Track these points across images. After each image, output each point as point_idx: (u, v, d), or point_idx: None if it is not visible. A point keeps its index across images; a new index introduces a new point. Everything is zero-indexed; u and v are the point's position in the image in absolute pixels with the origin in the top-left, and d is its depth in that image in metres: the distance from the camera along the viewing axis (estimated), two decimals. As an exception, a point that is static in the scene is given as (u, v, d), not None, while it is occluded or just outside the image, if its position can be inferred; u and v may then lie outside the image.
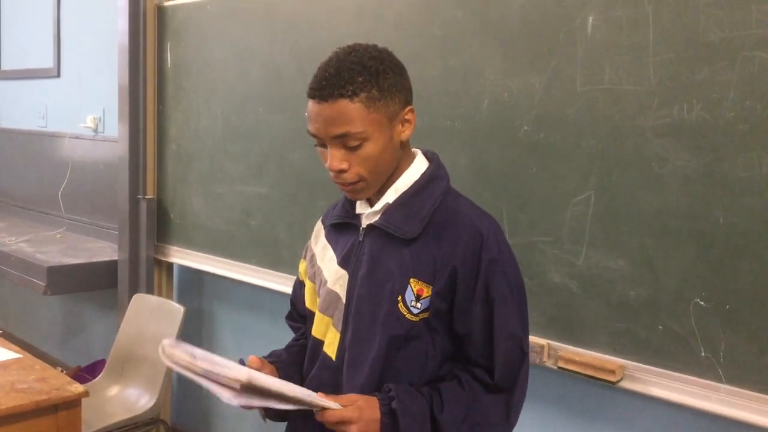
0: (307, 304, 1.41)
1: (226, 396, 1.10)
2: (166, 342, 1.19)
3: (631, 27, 1.62)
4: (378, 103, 1.19)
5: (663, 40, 1.57)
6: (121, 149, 3.04)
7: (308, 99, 1.21)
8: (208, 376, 1.11)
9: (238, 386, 1.08)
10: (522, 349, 1.26)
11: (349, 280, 1.28)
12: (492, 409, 1.24)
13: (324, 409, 1.17)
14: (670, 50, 1.56)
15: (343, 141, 1.19)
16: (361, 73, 1.18)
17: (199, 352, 1.15)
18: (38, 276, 3.01)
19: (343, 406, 1.18)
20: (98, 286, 3.24)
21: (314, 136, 1.22)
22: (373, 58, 1.21)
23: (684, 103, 1.55)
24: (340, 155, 1.20)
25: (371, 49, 1.23)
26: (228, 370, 1.09)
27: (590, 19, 1.68)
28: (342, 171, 1.21)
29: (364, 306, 1.26)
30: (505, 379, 1.24)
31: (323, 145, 1.22)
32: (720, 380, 1.53)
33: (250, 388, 1.10)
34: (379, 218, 1.27)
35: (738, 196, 1.49)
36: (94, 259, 3.19)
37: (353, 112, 1.17)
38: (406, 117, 1.25)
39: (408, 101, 1.26)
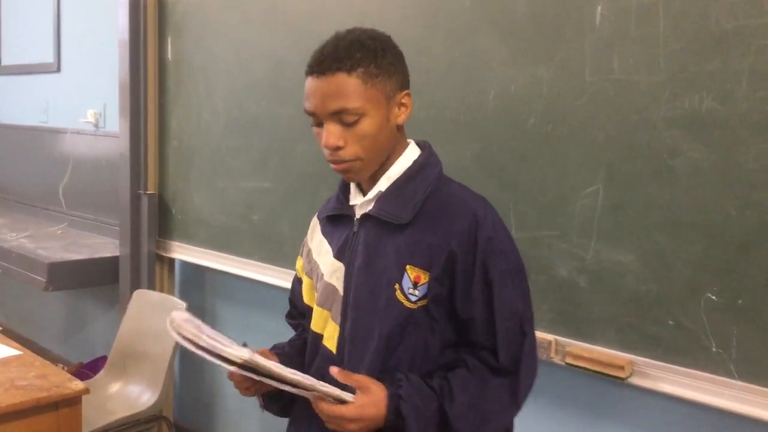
0: (306, 300, 1.40)
1: (224, 367, 1.13)
2: (176, 314, 1.19)
3: (640, 16, 1.59)
4: (375, 79, 1.18)
5: (673, 30, 1.54)
6: (122, 144, 3.02)
7: (306, 77, 1.21)
8: (210, 350, 1.12)
9: (238, 362, 1.10)
10: (522, 326, 1.22)
11: (345, 271, 1.28)
12: (499, 394, 1.22)
13: (325, 395, 1.16)
14: (681, 40, 1.53)
15: (339, 117, 1.18)
16: (360, 50, 1.18)
17: (206, 328, 1.16)
18: (39, 272, 3.00)
19: (351, 387, 1.17)
20: (99, 282, 3.23)
21: (311, 114, 1.21)
22: (372, 38, 1.21)
23: (695, 93, 1.52)
24: (336, 132, 1.19)
25: (370, 31, 1.24)
26: (231, 349, 1.10)
27: (599, 8, 1.65)
28: (338, 148, 1.19)
29: (362, 297, 1.25)
30: (510, 359, 1.21)
31: (320, 125, 1.21)
32: (732, 376, 1.51)
33: (249, 367, 1.11)
34: (372, 207, 1.26)
35: (751, 188, 1.46)
36: (96, 255, 3.17)
37: (351, 86, 1.17)
38: (403, 101, 1.24)
39: (405, 86, 1.25)
